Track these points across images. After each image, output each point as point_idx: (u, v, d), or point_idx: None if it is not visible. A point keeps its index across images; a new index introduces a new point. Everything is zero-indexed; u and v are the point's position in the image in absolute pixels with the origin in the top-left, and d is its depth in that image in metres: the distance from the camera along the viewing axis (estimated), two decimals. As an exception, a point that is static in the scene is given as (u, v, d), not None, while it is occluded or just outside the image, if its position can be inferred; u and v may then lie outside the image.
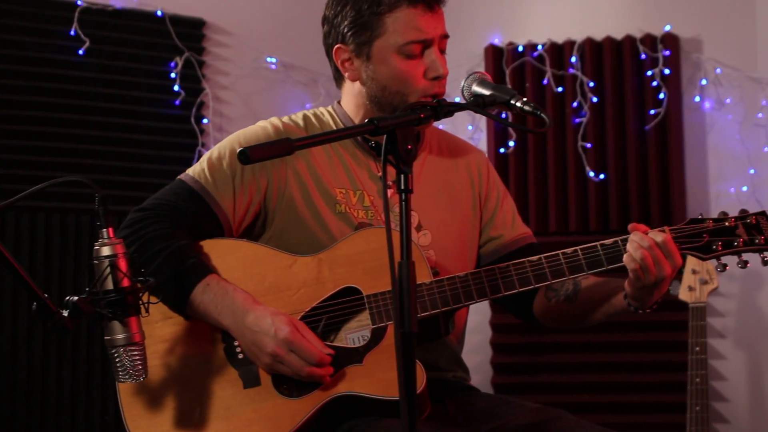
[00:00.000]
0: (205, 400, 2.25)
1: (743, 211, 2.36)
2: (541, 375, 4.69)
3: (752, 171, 4.63)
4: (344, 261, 2.31)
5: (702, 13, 4.79)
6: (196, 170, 2.41)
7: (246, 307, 2.23)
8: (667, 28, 4.71)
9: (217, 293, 2.24)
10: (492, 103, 2.19)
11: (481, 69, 4.93)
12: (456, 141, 2.64)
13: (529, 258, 2.31)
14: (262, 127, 2.45)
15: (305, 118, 2.50)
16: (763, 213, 2.35)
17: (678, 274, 3.97)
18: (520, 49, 4.86)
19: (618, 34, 4.77)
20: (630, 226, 2.27)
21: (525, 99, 2.18)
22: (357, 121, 2.46)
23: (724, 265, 2.37)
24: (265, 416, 2.22)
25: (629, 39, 4.74)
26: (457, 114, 5.32)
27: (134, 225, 2.32)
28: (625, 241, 2.26)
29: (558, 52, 4.82)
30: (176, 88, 4.47)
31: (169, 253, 2.26)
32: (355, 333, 2.29)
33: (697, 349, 3.80)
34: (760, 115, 4.63)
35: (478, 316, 4.69)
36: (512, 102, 2.18)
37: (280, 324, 2.20)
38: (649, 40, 4.71)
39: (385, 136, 1.91)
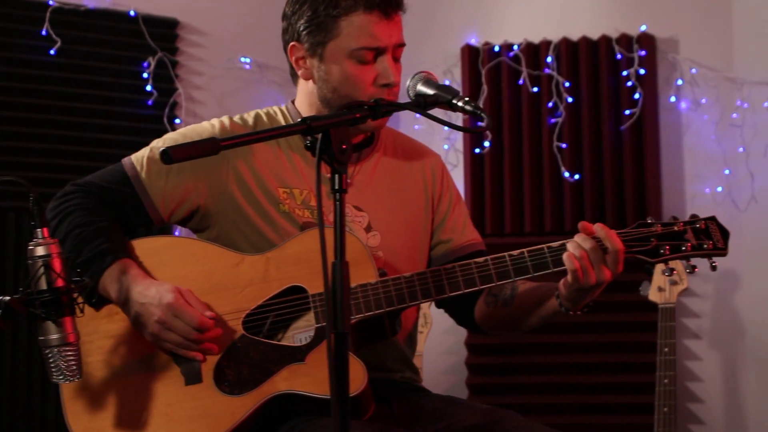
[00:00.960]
0: (147, 396, 2.25)
1: (693, 216, 2.35)
2: (515, 376, 4.68)
3: (727, 171, 4.62)
4: (291, 260, 2.31)
5: (678, 13, 4.77)
6: (138, 157, 2.43)
7: (133, 281, 2.24)
8: (643, 28, 4.70)
9: (118, 277, 2.26)
10: (434, 103, 2.17)
11: (458, 69, 4.93)
12: (412, 144, 2.63)
13: (476, 260, 2.30)
14: (210, 125, 2.46)
15: (257, 117, 2.50)
16: (713, 218, 2.35)
17: (648, 275, 3.97)
18: (497, 49, 4.85)
19: (594, 34, 4.76)
20: (579, 225, 2.27)
21: (467, 99, 2.16)
22: None
23: (693, 267, 2.37)
24: (205, 413, 2.22)
25: (605, 39, 4.73)
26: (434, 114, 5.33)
27: (62, 197, 2.38)
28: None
29: (534, 52, 4.81)
30: (149, 88, 4.46)
31: (82, 237, 2.29)
32: (302, 332, 2.28)
33: (666, 350, 3.79)
34: (735, 115, 4.62)
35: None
36: (454, 101, 2.16)
37: (164, 292, 2.22)
38: (625, 40, 4.70)
39: (320, 135, 1.90)
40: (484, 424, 2.31)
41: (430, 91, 2.20)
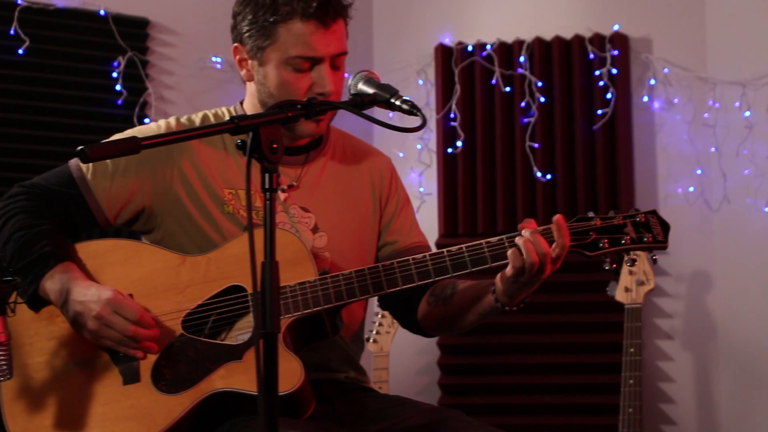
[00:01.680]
0: (85, 396, 2.25)
1: (635, 210, 2.35)
2: (487, 376, 4.67)
3: (699, 171, 4.61)
4: (233, 260, 2.31)
5: (652, 12, 4.76)
6: None
7: (73, 282, 2.25)
8: (616, 27, 4.69)
9: (59, 279, 2.26)
10: (372, 102, 2.17)
11: (432, 69, 4.92)
12: (362, 145, 2.63)
13: (414, 256, 2.29)
14: (157, 125, 2.48)
15: (204, 117, 2.50)
16: (653, 212, 2.35)
17: (615, 275, 3.96)
18: (470, 48, 4.84)
19: (567, 34, 4.75)
20: (523, 223, 2.26)
21: (404, 98, 2.16)
22: None
23: (633, 260, 2.36)
24: (141, 412, 2.22)
25: (578, 39, 4.72)
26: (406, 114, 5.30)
27: (7, 199, 2.39)
28: (510, 238, 2.24)
29: (507, 51, 4.80)
30: (119, 87, 4.45)
31: (25, 240, 2.29)
32: (245, 332, 2.28)
33: (632, 350, 3.78)
34: (706, 115, 4.61)
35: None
36: (392, 100, 2.16)
37: (103, 289, 2.24)
38: (598, 40, 4.69)
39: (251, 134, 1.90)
40: (427, 424, 2.31)
41: (370, 90, 2.20)
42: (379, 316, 4.03)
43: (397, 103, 2.16)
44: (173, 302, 2.29)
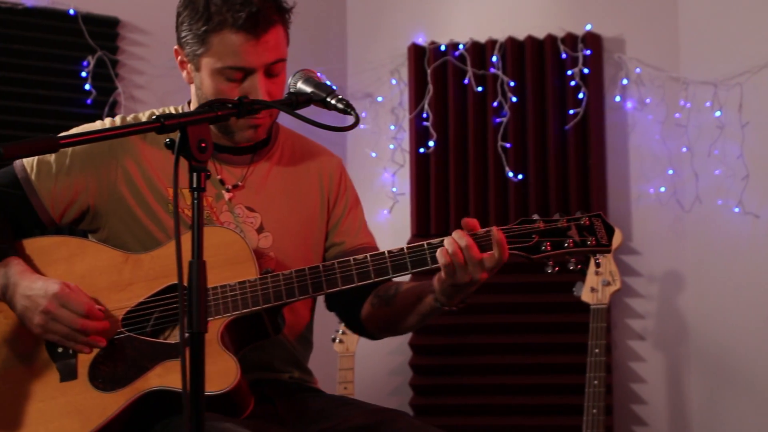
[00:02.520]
0: (23, 393, 2.25)
1: (580, 213, 2.34)
2: (458, 377, 4.66)
3: (671, 172, 4.60)
4: (175, 258, 2.29)
5: (625, 12, 4.75)
6: (29, 159, 2.41)
7: (20, 277, 2.25)
8: (588, 27, 4.68)
9: (5, 274, 2.26)
10: (308, 101, 2.16)
11: (405, 68, 4.91)
12: (312, 146, 2.62)
13: (355, 256, 2.28)
14: (102, 123, 2.48)
15: (150, 116, 2.49)
16: (598, 215, 2.33)
17: (581, 275, 3.95)
18: (443, 48, 4.83)
19: (540, 34, 4.74)
20: (462, 221, 2.26)
21: (340, 97, 2.15)
22: None
23: (578, 264, 2.34)
24: (76, 409, 2.22)
25: (551, 38, 4.71)
26: (379, 114, 5.29)
27: None
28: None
29: (480, 51, 4.79)
30: (88, 87, 4.44)
31: None
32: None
33: (597, 351, 3.77)
34: (677, 115, 4.60)
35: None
36: (327, 99, 2.15)
37: (50, 283, 2.24)
38: (571, 40, 4.68)
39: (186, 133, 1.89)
40: (370, 425, 2.30)
41: (308, 89, 2.19)
42: (346, 316, 4.01)
43: (333, 102, 2.15)
44: (114, 300, 2.29)
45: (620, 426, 4.54)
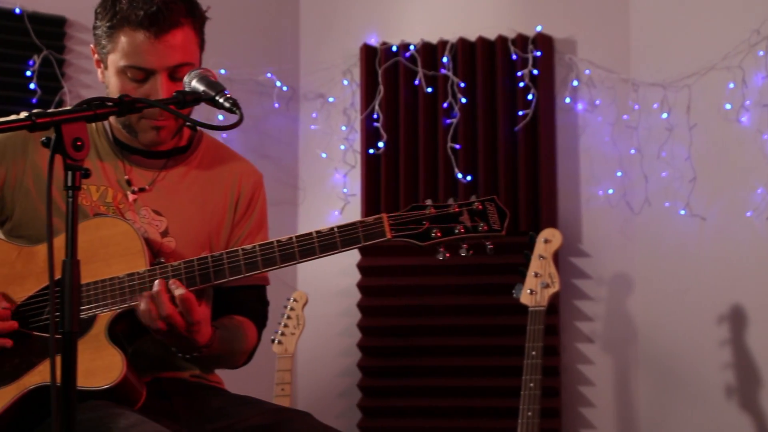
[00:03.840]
0: None
1: (474, 197, 2.29)
2: (408, 379, 4.64)
3: (620, 174, 4.58)
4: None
5: (576, 14, 4.74)
6: None
7: None
8: (539, 28, 4.66)
9: None
10: (197, 100, 2.15)
11: (357, 69, 4.89)
12: (235, 158, 2.60)
13: (244, 246, 2.27)
14: (17, 115, 2.45)
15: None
16: (491, 199, 2.28)
17: (521, 277, 3.93)
18: (394, 49, 4.81)
19: (491, 35, 4.72)
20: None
21: (228, 96, 2.13)
22: (113, 122, 2.48)
23: (468, 250, 2.29)
24: None
25: (501, 39, 4.69)
26: (331, 114, 5.25)
27: None
28: (341, 228, 2.22)
29: (431, 52, 4.77)
30: (32, 86, 4.42)
31: None
32: None
33: (534, 353, 3.75)
34: (626, 116, 4.58)
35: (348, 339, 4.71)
36: (216, 98, 2.13)
37: None
38: (522, 41, 4.66)
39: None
40: (268, 425, 2.30)
41: (201, 88, 2.18)
42: (285, 317, 3.99)
43: (221, 100, 2.13)
44: (10, 293, 2.28)
45: (568, 429, 4.53)
